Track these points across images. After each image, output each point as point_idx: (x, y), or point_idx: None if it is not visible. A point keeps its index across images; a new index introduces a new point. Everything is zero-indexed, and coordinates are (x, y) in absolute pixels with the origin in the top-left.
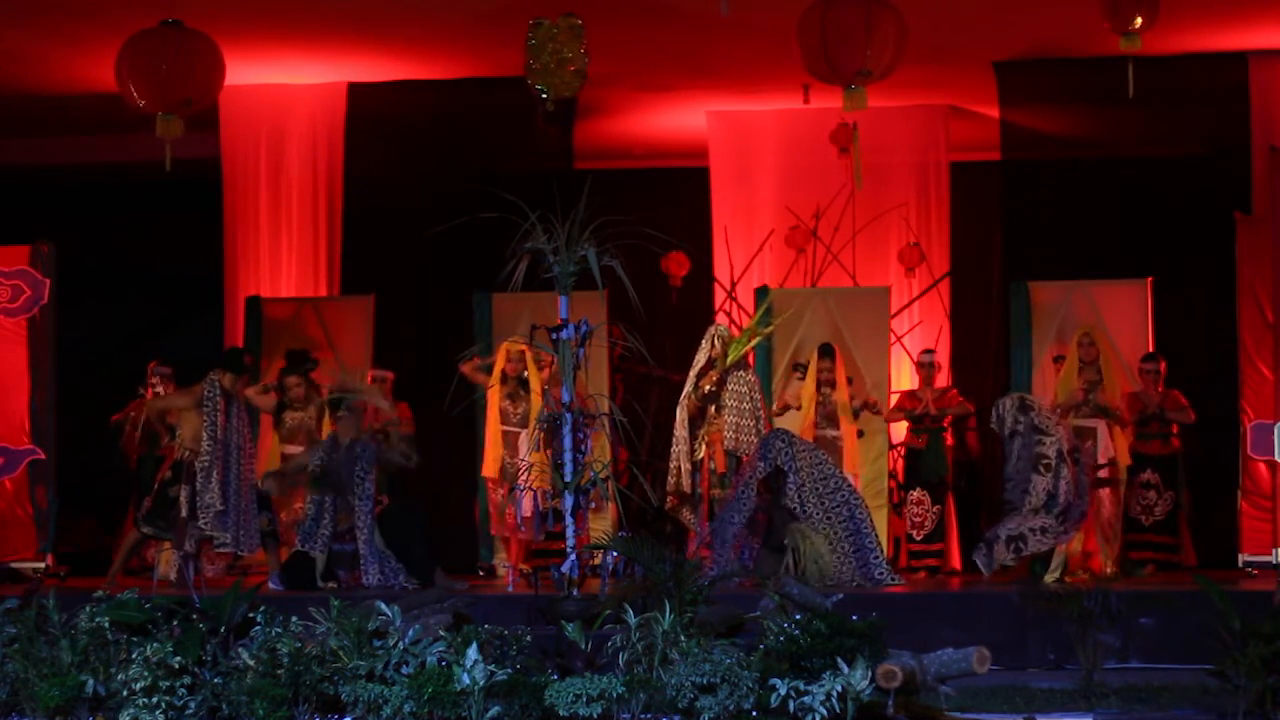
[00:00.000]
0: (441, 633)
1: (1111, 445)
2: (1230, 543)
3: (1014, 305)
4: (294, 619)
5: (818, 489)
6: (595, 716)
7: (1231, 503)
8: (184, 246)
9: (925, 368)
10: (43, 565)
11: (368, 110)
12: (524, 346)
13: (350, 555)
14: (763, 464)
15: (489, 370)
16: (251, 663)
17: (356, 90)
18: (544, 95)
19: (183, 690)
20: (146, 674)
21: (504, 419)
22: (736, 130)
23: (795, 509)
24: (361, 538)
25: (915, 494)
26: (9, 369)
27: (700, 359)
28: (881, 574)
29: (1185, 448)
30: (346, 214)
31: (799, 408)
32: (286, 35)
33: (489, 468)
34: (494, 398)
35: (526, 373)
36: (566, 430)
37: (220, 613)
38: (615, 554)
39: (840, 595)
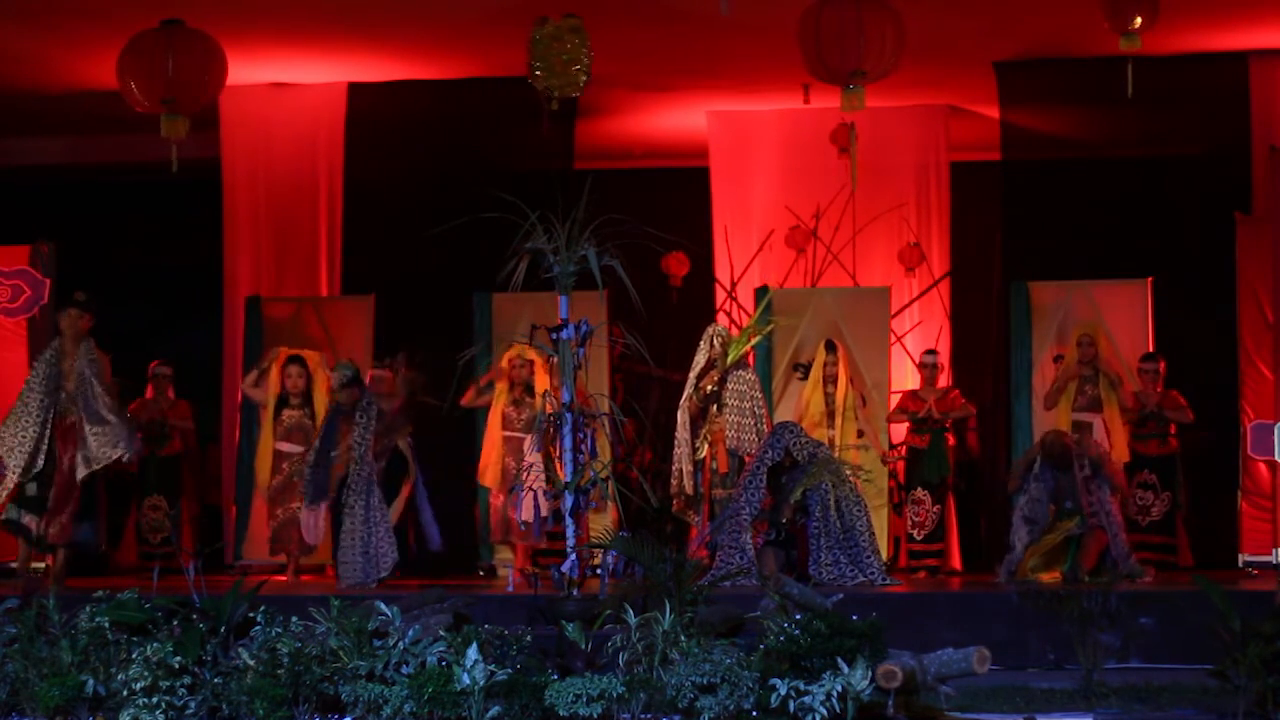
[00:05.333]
0: (441, 633)
1: (1107, 441)
2: (1230, 543)
3: (1014, 305)
4: (294, 619)
5: (819, 485)
6: (595, 716)
7: (1231, 503)
8: (184, 246)
9: (928, 368)
10: (43, 565)
11: (368, 110)
12: (533, 355)
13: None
14: (770, 452)
15: (490, 388)
16: (251, 663)
17: (356, 90)
18: (552, 95)
19: (183, 690)
20: (146, 674)
21: (507, 424)
22: (736, 130)
23: (798, 500)
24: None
25: (916, 493)
26: (9, 369)
27: (700, 360)
28: (873, 573)
29: (1185, 448)
30: (346, 214)
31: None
32: (286, 35)
33: (488, 477)
34: (496, 404)
35: (533, 378)
36: (566, 430)
37: (220, 613)
38: (615, 554)
39: (840, 595)
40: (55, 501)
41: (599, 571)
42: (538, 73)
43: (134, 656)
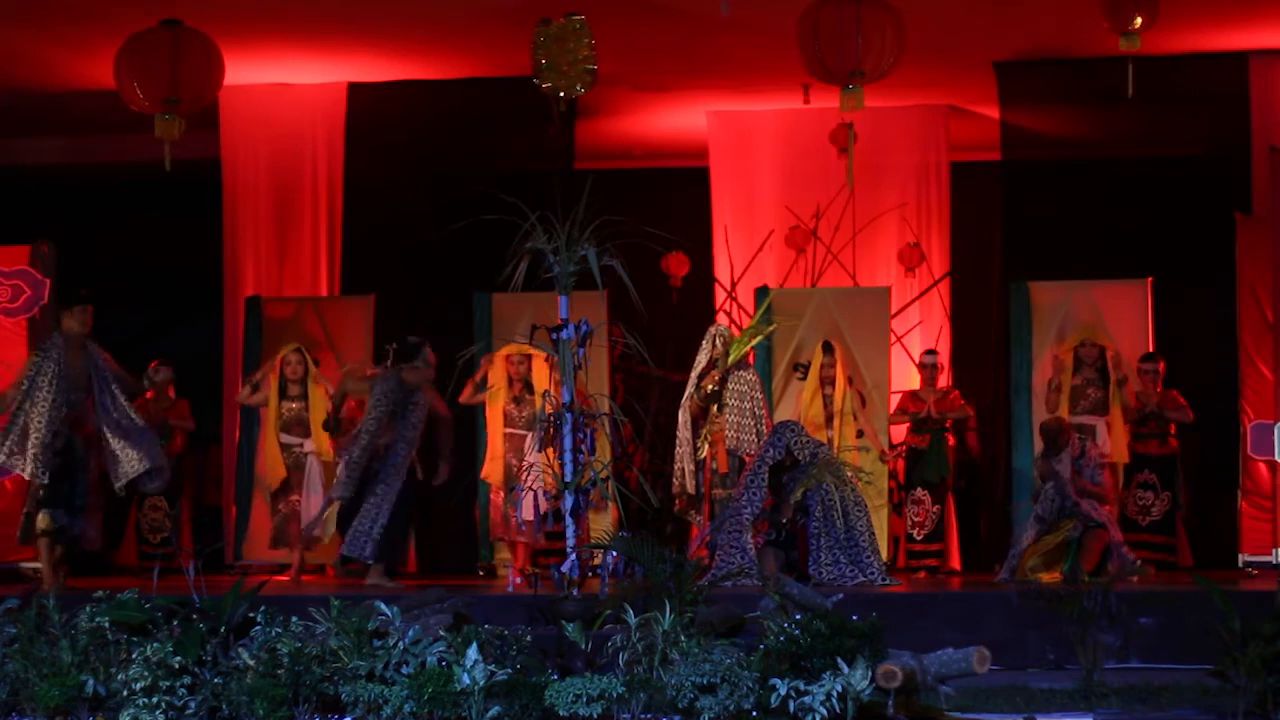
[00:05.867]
0: (441, 633)
1: (1109, 443)
2: (1230, 543)
3: (1014, 305)
4: (294, 619)
5: (820, 486)
6: (595, 716)
7: (1231, 503)
8: (184, 246)
9: (928, 369)
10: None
11: (368, 110)
12: (531, 351)
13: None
14: (772, 451)
15: (484, 384)
16: (251, 663)
17: (356, 90)
18: (560, 95)
19: (183, 690)
20: (146, 674)
21: (509, 422)
22: (736, 130)
23: (799, 500)
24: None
25: (916, 493)
26: (9, 369)
27: (701, 360)
28: (873, 573)
29: (1185, 448)
30: (346, 214)
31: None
32: (286, 35)
33: (491, 473)
34: (496, 402)
35: (531, 375)
36: (566, 430)
37: (220, 613)
38: (615, 554)
39: (840, 595)
40: (91, 503)
41: (599, 571)
42: (545, 74)
43: (134, 656)
